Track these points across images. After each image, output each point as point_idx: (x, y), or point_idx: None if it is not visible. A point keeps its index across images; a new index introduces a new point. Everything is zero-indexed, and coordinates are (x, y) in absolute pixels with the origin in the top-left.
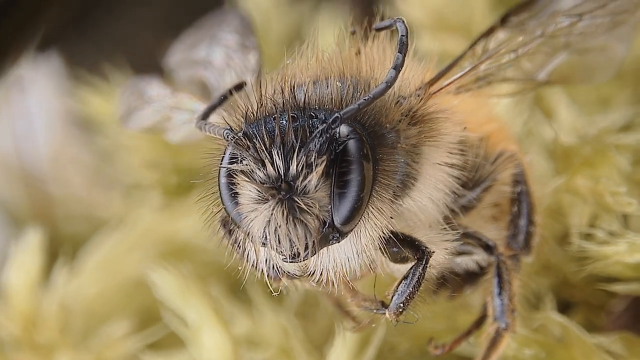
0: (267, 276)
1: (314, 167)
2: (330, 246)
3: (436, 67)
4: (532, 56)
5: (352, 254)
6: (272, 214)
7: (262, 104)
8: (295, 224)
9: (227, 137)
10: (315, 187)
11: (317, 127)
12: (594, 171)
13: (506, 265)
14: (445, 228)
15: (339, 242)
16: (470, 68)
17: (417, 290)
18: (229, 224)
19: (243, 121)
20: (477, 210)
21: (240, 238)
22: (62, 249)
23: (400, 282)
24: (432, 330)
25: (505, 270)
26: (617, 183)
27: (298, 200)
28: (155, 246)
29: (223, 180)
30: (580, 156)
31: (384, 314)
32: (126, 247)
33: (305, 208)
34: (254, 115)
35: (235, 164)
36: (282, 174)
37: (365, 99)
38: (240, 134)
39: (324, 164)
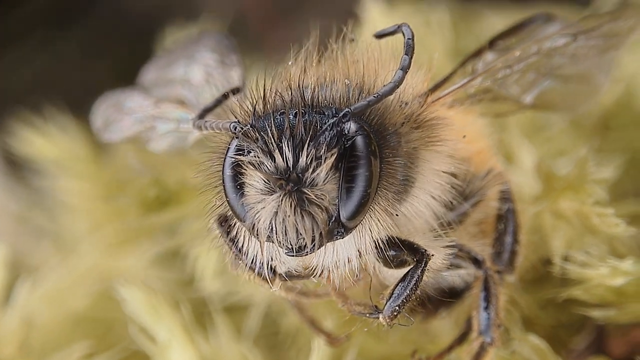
0: (261, 276)
1: (323, 160)
2: (333, 242)
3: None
4: (521, 78)
5: (354, 252)
6: (280, 205)
7: (268, 100)
8: (303, 215)
9: (235, 129)
10: (324, 179)
11: (327, 122)
12: (578, 194)
13: (494, 280)
14: (440, 235)
15: (343, 237)
16: (468, 80)
17: (414, 294)
18: (226, 221)
19: (251, 115)
20: (465, 225)
21: (239, 234)
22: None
23: (397, 285)
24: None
25: (493, 285)
26: (603, 205)
27: (307, 192)
28: (99, 282)
29: (228, 172)
30: (564, 180)
31: (377, 317)
32: (70, 282)
33: (314, 200)
34: (261, 110)
35: (242, 155)
36: (291, 166)
37: (374, 97)
38: (248, 126)
39: (333, 157)
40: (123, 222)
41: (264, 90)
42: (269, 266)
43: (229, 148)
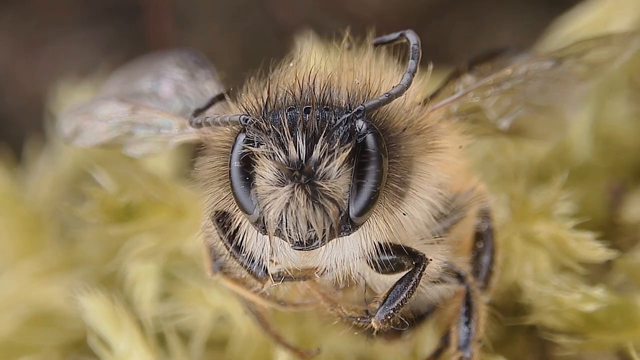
0: (255, 275)
1: (336, 154)
2: (339, 239)
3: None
4: (499, 102)
5: (357, 251)
6: (292, 196)
7: (278, 96)
8: (315, 207)
9: (246, 121)
10: (337, 174)
11: (340, 118)
12: (552, 219)
13: (476, 295)
14: (433, 243)
15: (349, 234)
16: (461, 94)
17: (409, 298)
18: (224, 218)
19: (262, 108)
20: (447, 240)
21: (241, 230)
22: None
23: (392, 289)
24: None
25: (475, 300)
26: (580, 229)
27: (320, 184)
28: (24, 310)
29: (236, 163)
30: (537, 205)
31: (369, 322)
32: None
33: (327, 192)
34: (272, 104)
35: (253, 147)
36: (304, 159)
37: (386, 96)
38: (261, 119)
39: (347, 151)
40: (48, 252)
41: (274, 85)
42: (269, 262)
43: (236, 140)
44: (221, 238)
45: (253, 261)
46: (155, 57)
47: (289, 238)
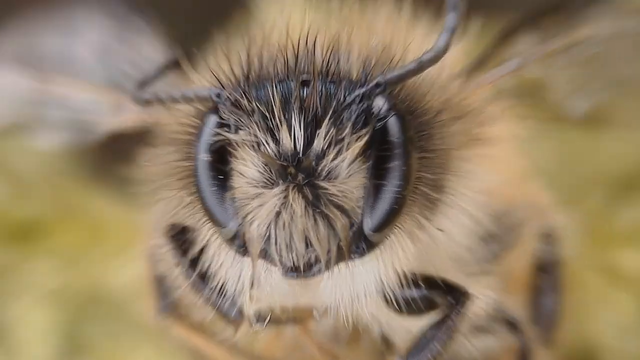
0: (227, 317)
1: (346, 144)
2: (348, 265)
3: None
4: (572, 77)
5: (372, 284)
6: (285, 202)
7: (262, 63)
8: (316, 218)
9: (219, 97)
10: (347, 172)
11: (353, 93)
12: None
13: (534, 351)
14: (476, 273)
15: (362, 256)
16: (518, 65)
17: (443, 353)
18: (184, 233)
19: (241, 80)
20: (494, 273)
21: (208, 250)
22: None
23: (420, 339)
24: None
25: (533, 358)
26: None
27: (325, 186)
28: None
29: (205, 155)
30: (623, 228)
31: None
32: None
33: (334, 198)
34: (256, 73)
35: (230, 133)
36: (302, 150)
37: (415, 64)
38: (240, 93)
39: (361, 141)
40: None
41: (256, 48)
42: (248, 297)
43: (204, 124)
44: (178, 263)
45: (224, 296)
46: (64, 2)
47: (279, 261)
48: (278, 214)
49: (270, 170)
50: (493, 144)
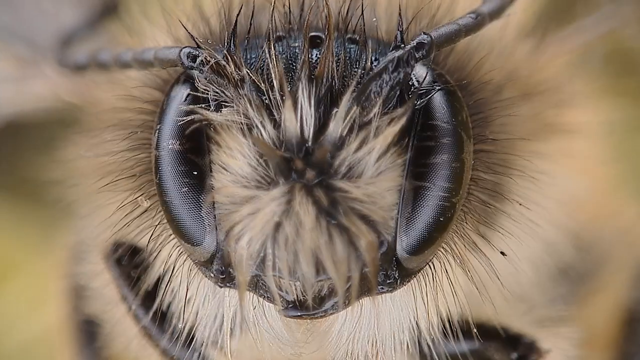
0: None
1: (374, 130)
2: (373, 301)
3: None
4: None
5: (403, 330)
6: (288, 210)
7: (252, 15)
8: (331, 234)
9: (192, 58)
10: (376, 168)
11: (384, 56)
12: None
13: None
14: (555, 319)
15: (393, 290)
16: (607, 27)
17: None
18: (133, 255)
19: (224, 36)
20: (574, 318)
21: (170, 280)
22: None
23: None
24: None
25: None
26: None
27: (347, 189)
28: None
29: (171, 143)
30: None
31: None
32: None
33: (357, 205)
34: (245, 30)
35: (209, 112)
36: (312, 136)
37: (471, 17)
38: (224, 55)
39: (397, 125)
40: None
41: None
42: (222, 346)
43: (168, 99)
44: (124, 298)
45: (191, 346)
46: None
47: (277, 294)
48: (278, 225)
49: (267, 165)
50: (575, 135)
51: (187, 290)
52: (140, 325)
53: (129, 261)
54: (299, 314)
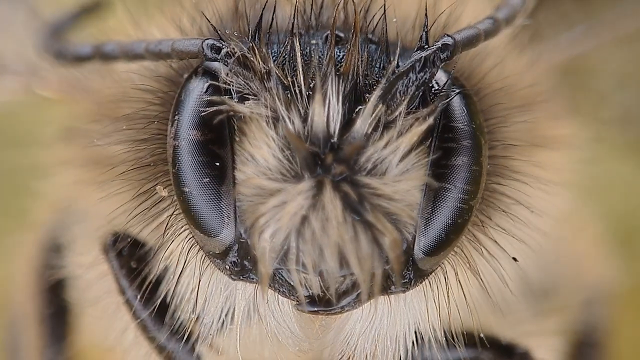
0: None
1: (399, 128)
2: (388, 300)
3: None
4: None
5: (410, 330)
6: (314, 204)
7: (275, 10)
8: (356, 230)
9: (216, 51)
10: (403, 167)
11: (411, 56)
12: None
13: None
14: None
15: (406, 290)
16: (571, 43)
17: None
18: (135, 249)
19: (249, 30)
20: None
21: (179, 270)
22: None
23: None
24: None
25: None
26: None
27: (375, 185)
28: None
29: (192, 133)
30: None
31: None
32: None
33: (384, 203)
34: (267, 24)
35: (234, 103)
36: (337, 132)
37: (490, 23)
38: (249, 47)
39: (424, 124)
40: None
41: None
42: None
43: (186, 89)
44: (123, 290)
45: (190, 341)
46: None
47: (307, 287)
48: (304, 219)
49: (292, 158)
50: (557, 151)
51: (199, 283)
52: (137, 319)
53: (130, 253)
54: (316, 309)
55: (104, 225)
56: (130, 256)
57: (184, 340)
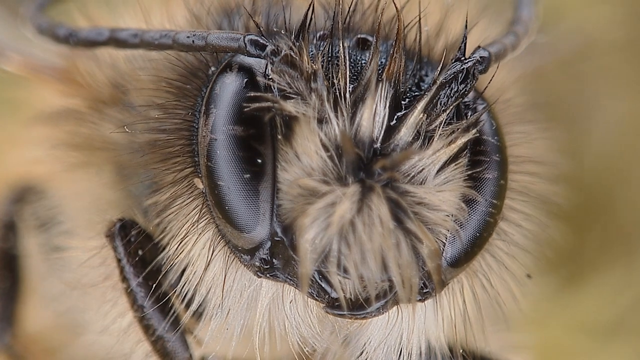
0: None
1: (439, 138)
2: (413, 308)
3: None
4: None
5: (421, 338)
6: (362, 208)
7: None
8: (398, 237)
9: (260, 48)
10: (444, 177)
11: (453, 68)
12: None
13: None
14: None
15: (428, 298)
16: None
17: None
18: (145, 241)
19: (293, 29)
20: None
21: (195, 261)
22: None
23: None
24: None
25: None
26: None
27: (420, 194)
28: None
29: (231, 128)
30: None
31: None
32: None
33: (427, 212)
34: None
35: (280, 100)
36: (380, 137)
37: (513, 37)
38: (296, 47)
39: (466, 136)
40: None
41: None
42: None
43: (223, 83)
44: (126, 277)
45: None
46: None
47: (353, 290)
48: (350, 223)
49: (338, 160)
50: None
51: (224, 279)
52: (137, 309)
53: (137, 241)
54: (345, 312)
55: (105, 210)
56: (138, 244)
57: (179, 332)
